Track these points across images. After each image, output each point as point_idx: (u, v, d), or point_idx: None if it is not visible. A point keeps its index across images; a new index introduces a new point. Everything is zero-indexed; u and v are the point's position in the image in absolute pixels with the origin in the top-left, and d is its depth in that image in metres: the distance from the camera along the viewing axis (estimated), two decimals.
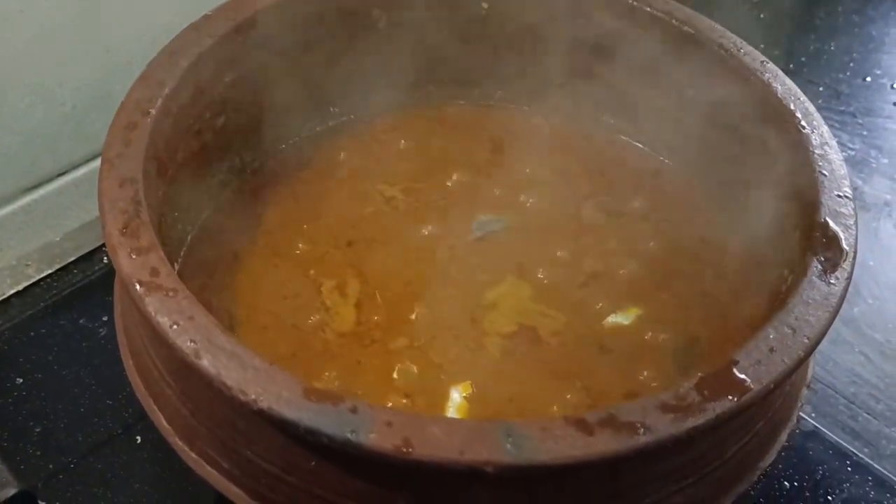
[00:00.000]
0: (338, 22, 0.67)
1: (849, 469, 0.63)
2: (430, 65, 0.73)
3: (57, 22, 0.68)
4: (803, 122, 0.57)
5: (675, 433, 0.40)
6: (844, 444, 0.65)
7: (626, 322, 0.60)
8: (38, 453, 0.61)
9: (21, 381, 0.64)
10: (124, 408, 0.63)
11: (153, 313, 0.43)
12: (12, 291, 0.71)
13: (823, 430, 0.65)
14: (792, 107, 0.59)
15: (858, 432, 0.66)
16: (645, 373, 0.57)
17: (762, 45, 0.98)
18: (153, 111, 0.53)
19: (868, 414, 0.67)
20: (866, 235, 0.81)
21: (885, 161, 0.90)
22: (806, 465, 0.63)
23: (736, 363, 0.43)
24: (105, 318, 0.68)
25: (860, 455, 0.64)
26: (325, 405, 0.40)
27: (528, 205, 0.68)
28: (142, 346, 0.50)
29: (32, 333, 0.68)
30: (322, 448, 0.40)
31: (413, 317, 0.60)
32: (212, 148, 0.62)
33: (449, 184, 0.69)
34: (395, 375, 0.56)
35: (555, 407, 0.55)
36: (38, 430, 0.62)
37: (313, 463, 0.42)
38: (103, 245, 0.74)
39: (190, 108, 0.58)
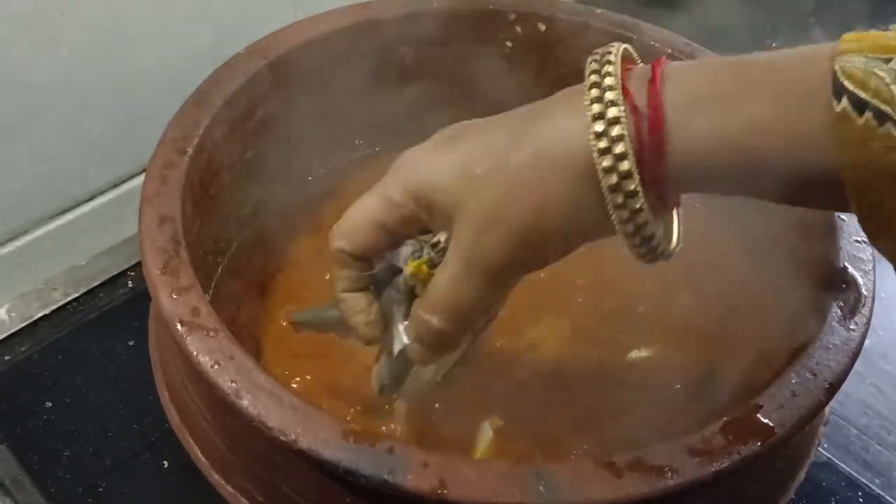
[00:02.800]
0: (365, 58, 0.68)
1: (861, 500, 0.64)
2: (456, 99, 0.73)
3: (85, 52, 0.69)
4: None
5: (701, 476, 0.42)
6: (857, 475, 0.66)
7: (646, 356, 0.62)
8: (68, 476, 0.62)
9: (49, 404, 0.65)
10: (151, 431, 0.64)
11: (194, 352, 0.44)
12: (39, 314, 0.72)
13: (836, 461, 0.66)
14: None
15: (871, 463, 0.67)
16: (666, 408, 0.58)
17: None
18: (189, 150, 0.55)
19: (880, 445, 0.68)
20: (877, 267, 0.81)
21: None
22: (819, 495, 0.64)
23: (760, 407, 0.44)
24: (131, 342, 0.69)
25: (872, 486, 0.65)
26: (363, 446, 0.41)
27: None
28: (179, 381, 0.51)
29: (60, 357, 0.69)
30: (359, 487, 0.41)
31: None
32: (241, 181, 0.63)
33: None
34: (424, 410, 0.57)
35: (585, 445, 0.56)
36: (66, 453, 0.63)
37: (349, 500, 0.44)
38: (128, 269, 0.76)
39: (223, 145, 0.59)
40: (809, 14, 1.16)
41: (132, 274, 0.75)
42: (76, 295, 0.74)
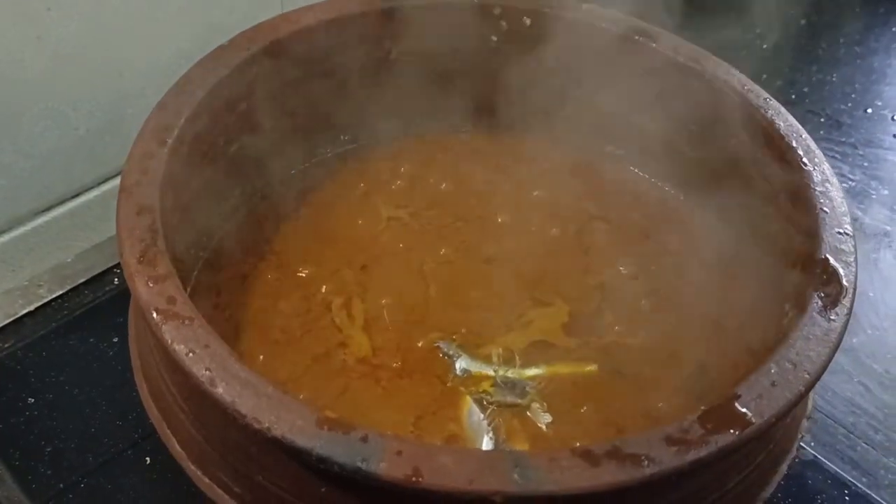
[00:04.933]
0: (349, 53, 0.68)
1: (847, 499, 0.64)
2: (439, 94, 0.74)
3: (72, 48, 0.69)
4: (805, 159, 0.58)
5: (678, 465, 0.41)
6: (843, 473, 0.65)
7: (635, 345, 0.62)
8: (49, 472, 0.61)
9: (33, 400, 0.65)
10: (134, 428, 0.64)
11: (170, 341, 0.44)
12: (24, 311, 0.72)
13: (822, 459, 0.66)
14: (794, 144, 0.60)
15: (857, 462, 0.66)
16: (660, 404, 0.58)
17: (764, 76, 0.99)
18: (170, 140, 0.54)
19: (867, 444, 0.67)
20: (866, 266, 0.81)
21: (886, 192, 0.90)
22: (805, 494, 0.64)
23: (738, 397, 0.44)
24: (115, 339, 0.69)
25: (858, 485, 0.65)
26: (337, 434, 0.41)
27: (535, 229, 0.70)
28: (156, 372, 0.51)
29: (44, 353, 0.69)
30: (333, 476, 0.41)
31: (430, 338, 0.61)
32: (224, 174, 0.63)
33: (457, 208, 0.71)
34: (411, 392, 0.58)
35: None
36: (49, 449, 0.63)
37: (324, 489, 0.43)
38: (114, 266, 0.75)
39: (205, 137, 0.59)
40: (801, 17, 1.16)
41: (118, 271, 0.75)
42: (61, 292, 0.73)
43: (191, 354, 0.43)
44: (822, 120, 0.98)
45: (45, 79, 0.69)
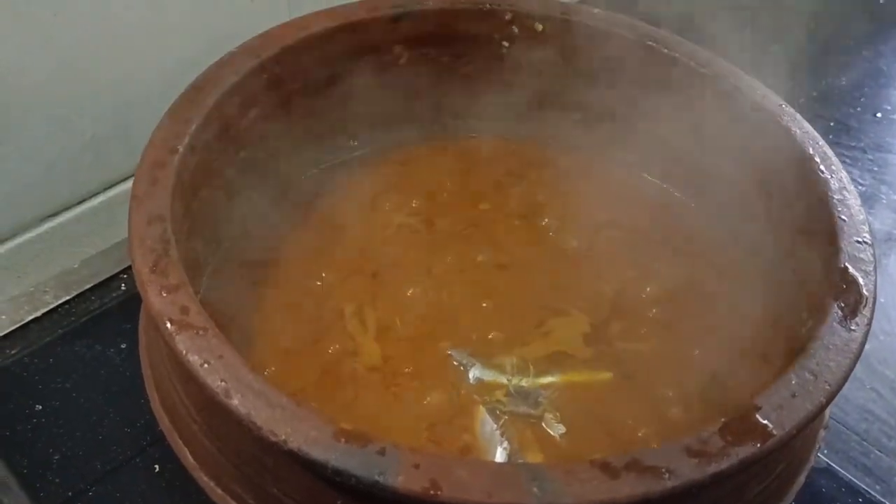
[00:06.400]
0: (360, 58, 0.68)
1: None
2: (450, 100, 0.73)
3: (77, 54, 0.69)
4: (822, 167, 0.58)
5: (698, 478, 0.41)
6: (857, 481, 0.65)
7: (647, 352, 0.61)
8: (57, 480, 0.61)
9: (39, 407, 0.65)
10: (142, 435, 0.63)
11: (184, 352, 0.43)
12: (30, 318, 0.71)
13: (836, 466, 0.66)
14: (811, 151, 0.59)
15: (871, 469, 0.66)
16: (674, 411, 0.58)
17: (773, 80, 0.99)
18: (180, 148, 0.54)
19: (880, 451, 0.67)
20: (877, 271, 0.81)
21: (895, 196, 0.90)
22: (818, 502, 0.63)
23: (758, 408, 0.44)
24: (123, 346, 0.69)
25: (872, 492, 0.64)
26: (354, 446, 0.40)
27: (546, 235, 0.70)
28: (168, 382, 0.50)
29: (51, 360, 0.68)
30: (349, 488, 0.41)
31: (443, 347, 0.61)
32: (234, 181, 0.63)
33: (469, 214, 0.70)
34: (423, 401, 0.58)
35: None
36: (56, 457, 0.62)
37: (340, 502, 0.43)
38: (120, 272, 0.75)
39: (214, 144, 0.59)
40: (810, 20, 1.16)
41: (124, 277, 0.75)
42: (67, 298, 0.73)
43: (205, 365, 0.43)
44: (830, 124, 0.98)
45: (51, 84, 0.69)
